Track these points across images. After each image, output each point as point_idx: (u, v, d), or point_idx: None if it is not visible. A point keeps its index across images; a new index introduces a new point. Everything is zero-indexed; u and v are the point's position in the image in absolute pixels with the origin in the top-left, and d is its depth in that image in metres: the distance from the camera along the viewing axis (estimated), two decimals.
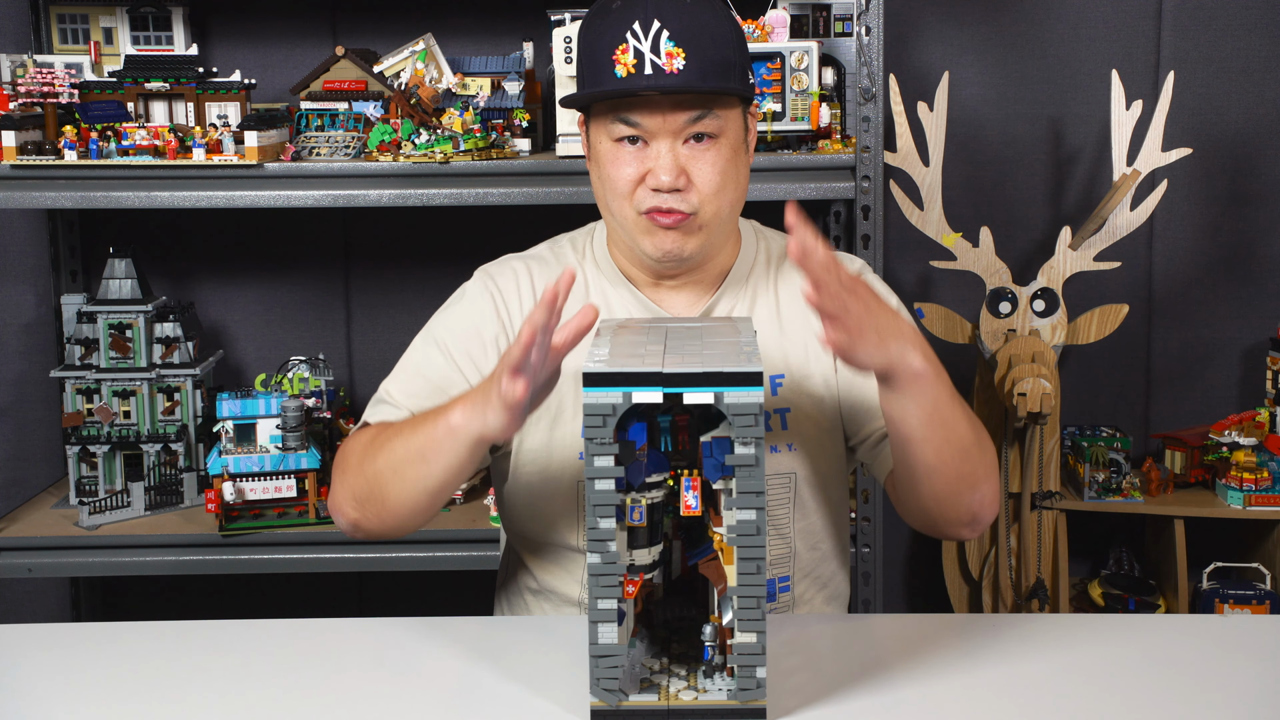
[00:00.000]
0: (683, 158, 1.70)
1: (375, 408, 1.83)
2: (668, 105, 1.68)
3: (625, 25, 1.67)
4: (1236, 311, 3.05)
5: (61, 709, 1.45)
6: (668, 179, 1.69)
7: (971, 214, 2.93)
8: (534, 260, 1.89)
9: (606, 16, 1.70)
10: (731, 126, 1.72)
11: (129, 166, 2.49)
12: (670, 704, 1.37)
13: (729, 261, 1.85)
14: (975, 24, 2.98)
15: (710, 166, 1.71)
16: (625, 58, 1.67)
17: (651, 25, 1.66)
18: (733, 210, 1.77)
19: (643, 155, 1.71)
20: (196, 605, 3.05)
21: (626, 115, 1.70)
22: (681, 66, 1.66)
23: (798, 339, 1.83)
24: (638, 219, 1.73)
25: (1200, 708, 1.40)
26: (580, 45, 1.75)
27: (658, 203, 1.70)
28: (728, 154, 1.72)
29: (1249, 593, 2.74)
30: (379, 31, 2.89)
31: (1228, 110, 2.99)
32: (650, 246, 1.74)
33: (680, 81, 1.66)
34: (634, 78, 1.66)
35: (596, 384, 1.31)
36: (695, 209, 1.71)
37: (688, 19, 1.67)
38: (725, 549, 1.37)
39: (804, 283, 1.43)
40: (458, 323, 1.85)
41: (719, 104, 1.70)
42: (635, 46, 1.66)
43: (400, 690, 1.48)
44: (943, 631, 1.61)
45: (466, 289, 1.89)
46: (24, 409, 3.02)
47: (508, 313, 1.83)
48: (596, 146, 1.76)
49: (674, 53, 1.66)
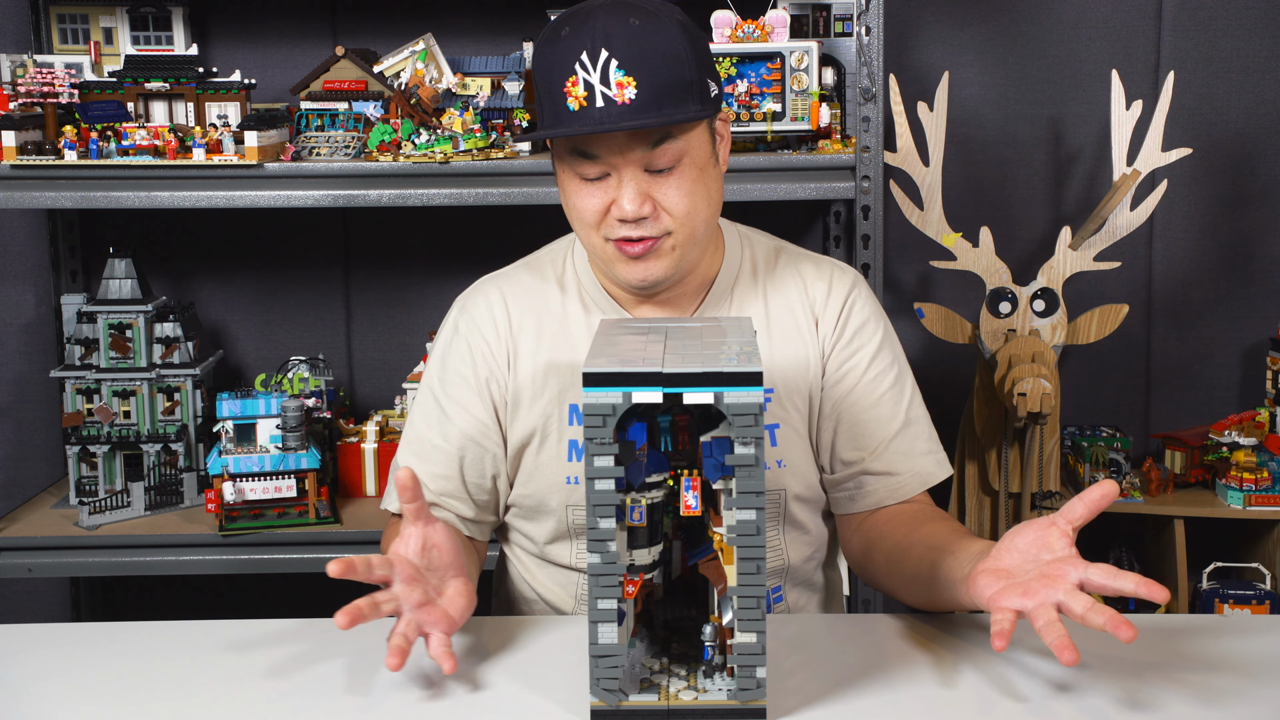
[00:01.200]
0: (646, 184, 1.65)
1: (392, 481, 1.81)
2: (623, 138, 1.62)
3: (574, 56, 1.61)
4: (1236, 311, 3.05)
5: (61, 709, 1.44)
6: (632, 208, 1.64)
7: (971, 214, 2.93)
8: (506, 280, 1.86)
9: (556, 44, 1.64)
10: (695, 144, 1.67)
11: (129, 166, 2.49)
12: (670, 704, 1.37)
13: (712, 270, 1.81)
14: (975, 24, 2.98)
15: (676, 190, 1.66)
16: (576, 90, 1.61)
17: (599, 55, 1.60)
18: (707, 226, 1.72)
19: (606, 186, 1.66)
20: (196, 605, 3.05)
21: (584, 148, 1.65)
22: (633, 96, 1.59)
23: (787, 352, 1.80)
24: (606, 246, 1.69)
25: (1200, 708, 1.39)
26: (534, 74, 1.69)
27: (626, 232, 1.66)
28: (693, 174, 1.66)
29: (1249, 593, 2.74)
30: (379, 31, 2.89)
31: (1228, 110, 2.99)
32: (625, 273, 1.71)
33: (633, 113, 1.60)
34: (585, 111, 1.60)
35: (596, 384, 1.31)
36: (667, 230, 1.67)
37: (637, 44, 1.60)
38: (725, 549, 1.37)
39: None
40: (445, 373, 1.83)
41: (678, 127, 1.64)
42: (584, 79, 1.60)
43: (400, 690, 1.48)
44: (943, 631, 1.61)
45: (445, 330, 1.86)
46: (24, 409, 3.02)
47: (489, 348, 1.81)
48: (560, 178, 1.72)
49: (624, 82, 1.59)
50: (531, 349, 1.80)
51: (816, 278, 1.83)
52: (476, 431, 1.79)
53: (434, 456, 1.79)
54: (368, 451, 2.73)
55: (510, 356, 1.80)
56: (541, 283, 1.84)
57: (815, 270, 1.85)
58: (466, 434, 1.79)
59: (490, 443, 1.80)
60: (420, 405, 1.84)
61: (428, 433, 1.81)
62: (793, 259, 1.86)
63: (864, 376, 1.80)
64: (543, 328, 1.80)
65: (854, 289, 1.84)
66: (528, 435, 1.79)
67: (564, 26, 1.64)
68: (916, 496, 1.81)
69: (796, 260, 1.86)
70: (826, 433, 1.82)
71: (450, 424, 1.80)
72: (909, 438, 1.81)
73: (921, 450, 1.81)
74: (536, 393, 1.78)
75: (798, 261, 1.86)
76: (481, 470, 1.80)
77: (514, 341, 1.80)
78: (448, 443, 1.79)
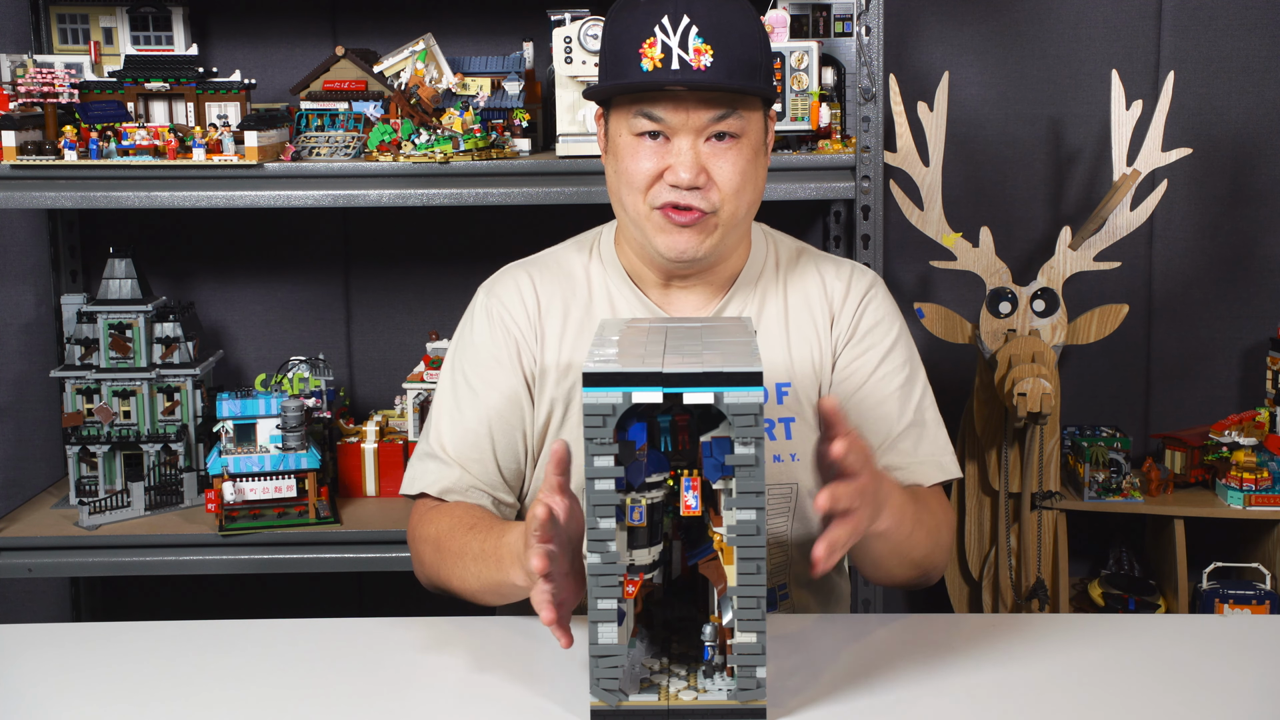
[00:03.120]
0: (703, 155, 1.68)
1: (424, 464, 1.82)
2: (693, 102, 1.66)
3: (654, 19, 1.65)
4: (1236, 311, 3.05)
5: (61, 709, 1.44)
6: (688, 176, 1.67)
7: (971, 214, 2.93)
8: (535, 266, 1.88)
9: (635, 9, 1.68)
10: (753, 127, 1.71)
11: (129, 166, 2.49)
12: (670, 704, 1.37)
13: (739, 264, 1.84)
14: (975, 24, 2.98)
15: (731, 166, 1.69)
16: (652, 51, 1.65)
17: (681, 20, 1.64)
18: (749, 212, 1.76)
19: (663, 151, 1.69)
20: (196, 605, 3.05)
21: (650, 110, 1.68)
22: (709, 63, 1.64)
23: (805, 347, 1.82)
24: (651, 214, 1.71)
25: (1200, 708, 1.40)
26: (606, 36, 1.72)
27: (675, 198, 1.69)
28: (749, 154, 1.70)
29: (1249, 593, 2.74)
30: (379, 31, 2.89)
31: (1228, 110, 2.99)
32: (664, 245, 1.72)
33: (707, 78, 1.64)
34: (660, 72, 1.64)
35: (596, 384, 1.31)
36: (714, 207, 1.70)
37: (717, 16, 1.65)
38: (725, 549, 1.37)
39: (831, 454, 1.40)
40: (475, 354, 1.84)
41: (743, 104, 1.69)
42: (663, 40, 1.64)
43: (400, 690, 1.48)
44: (943, 631, 1.61)
45: (474, 314, 1.87)
46: (24, 409, 3.02)
47: (517, 327, 1.82)
48: (615, 140, 1.73)
49: (702, 49, 1.64)
50: (558, 333, 1.81)
51: (836, 277, 1.86)
52: (509, 410, 1.80)
53: (469, 440, 1.80)
54: (368, 451, 2.73)
55: (539, 337, 1.81)
56: (568, 269, 1.86)
57: (835, 270, 1.87)
58: (499, 414, 1.80)
59: (523, 419, 1.81)
60: (448, 390, 1.84)
61: (460, 416, 1.81)
62: (814, 259, 1.90)
63: (872, 375, 1.81)
64: (569, 313, 1.82)
65: (871, 289, 1.86)
66: (548, 416, 1.80)
67: None
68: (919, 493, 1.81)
69: (818, 260, 1.89)
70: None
71: (482, 405, 1.80)
72: (913, 438, 1.81)
73: (926, 452, 1.81)
74: (560, 376, 1.79)
75: (819, 262, 1.89)
76: (514, 452, 1.81)
77: (541, 325, 1.82)
78: (481, 424, 1.80)
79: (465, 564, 1.67)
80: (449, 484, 1.79)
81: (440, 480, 1.79)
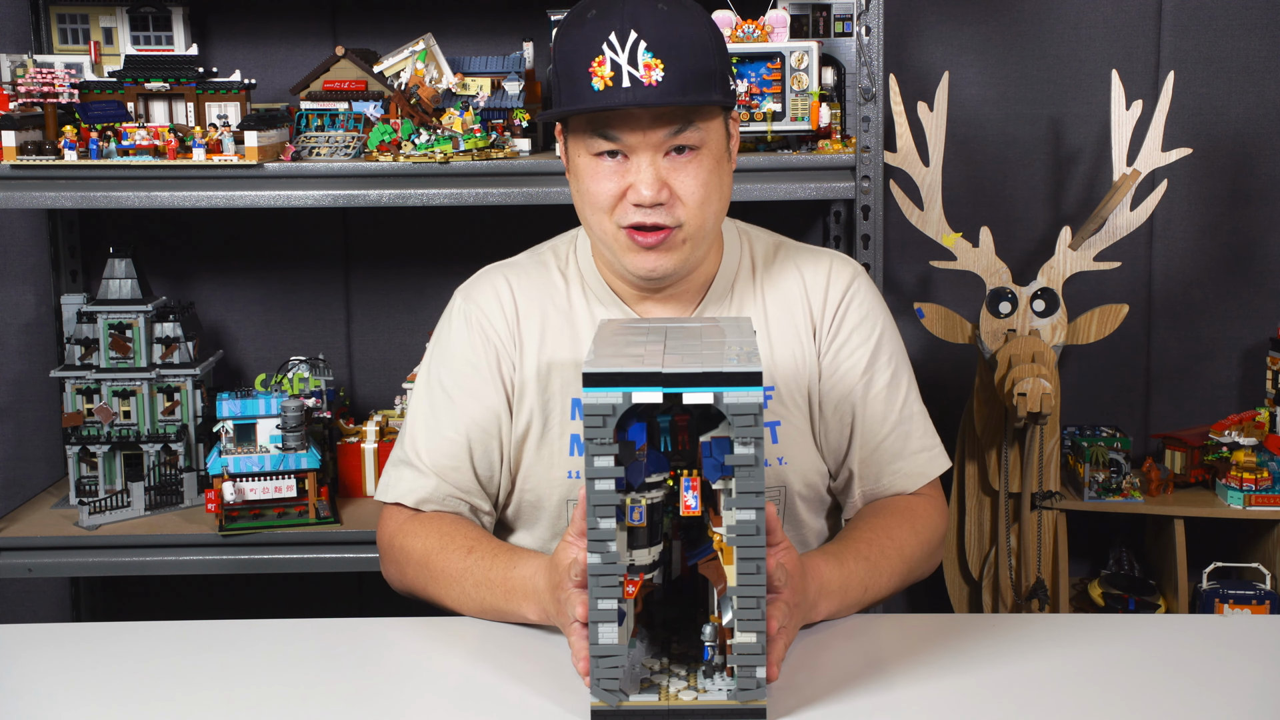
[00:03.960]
0: (664, 170, 1.66)
1: (400, 471, 1.82)
2: (647, 119, 1.63)
3: (602, 36, 1.61)
4: (1236, 311, 3.05)
5: (61, 709, 1.45)
6: (650, 194, 1.64)
7: (971, 214, 2.93)
8: (513, 270, 1.86)
9: (582, 26, 1.65)
10: (713, 136, 1.68)
11: (129, 166, 2.49)
12: (670, 704, 1.37)
13: (713, 269, 1.82)
14: (975, 24, 2.98)
15: (693, 179, 1.67)
16: (602, 70, 1.61)
17: (629, 36, 1.61)
18: (716, 221, 1.73)
19: (623, 169, 1.67)
20: (196, 605, 3.05)
21: (605, 130, 1.65)
22: (660, 78, 1.61)
23: (786, 349, 1.81)
24: (618, 234, 1.69)
25: (1200, 708, 1.40)
26: (556, 56, 1.69)
27: (640, 218, 1.67)
28: (710, 165, 1.68)
29: (1249, 593, 2.74)
30: (379, 31, 2.89)
31: (1228, 110, 2.99)
32: (633, 264, 1.71)
33: (659, 95, 1.61)
34: (611, 91, 1.61)
35: (596, 384, 1.31)
36: (679, 222, 1.68)
37: (666, 28, 1.61)
38: (725, 549, 1.37)
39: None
40: (453, 362, 1.82)
41: (700, 115, 1.66)
42: (612, 58, 1.61)
43: (400, 690, 1.48)
44: (943, 631, 1.61)
45: (451, 318, 1.85)
46: (24, 409, 3.02)
47: (497, 335, 1.81)
48: (575, 160, 1.71)
49: (652, 64, 1.61)
50: (536, 340, 1.80)
51: (815, 274, 1.84)
52: (486, 419, 1.79)
53: (445, 449, 1.79)
54: (368, 451, 2.73)
55: (517, 344, 1.80)
56: (546, 273, 1.84)
57: (814, 266, 1.85)
58: (477, 423, 1.79)
59: (499, 429, 1.80)
60: (424, 397, 1.83)
61: (437, 423, 1.81)
62: (791, 254, 1.87)
63: (859, 376, 1.80)
64: (548, 319, 1.81)
65: (852, 284, 1.84)
66: (527, 427, 1.79)
67: (590, 9, 1.65)
68: (906, 490, 1.82)
69: (796, 256, 1.86)
70: (829, 433, 1.82)
71: (460, 414, 1.79)
72: (901, 436, 1.81)
73: (913, 448, 1.82)
74: (540, 385, 1.78)
75: (797, 257, 1.86)
76: (490, 461, 1.80)
77: (520, 331, 1.81)
78: (458, 433, 1.79)
79: (464, 588, 1.67)
80: (425, 494, 1.79)
81: (416, 490, 1.79)
